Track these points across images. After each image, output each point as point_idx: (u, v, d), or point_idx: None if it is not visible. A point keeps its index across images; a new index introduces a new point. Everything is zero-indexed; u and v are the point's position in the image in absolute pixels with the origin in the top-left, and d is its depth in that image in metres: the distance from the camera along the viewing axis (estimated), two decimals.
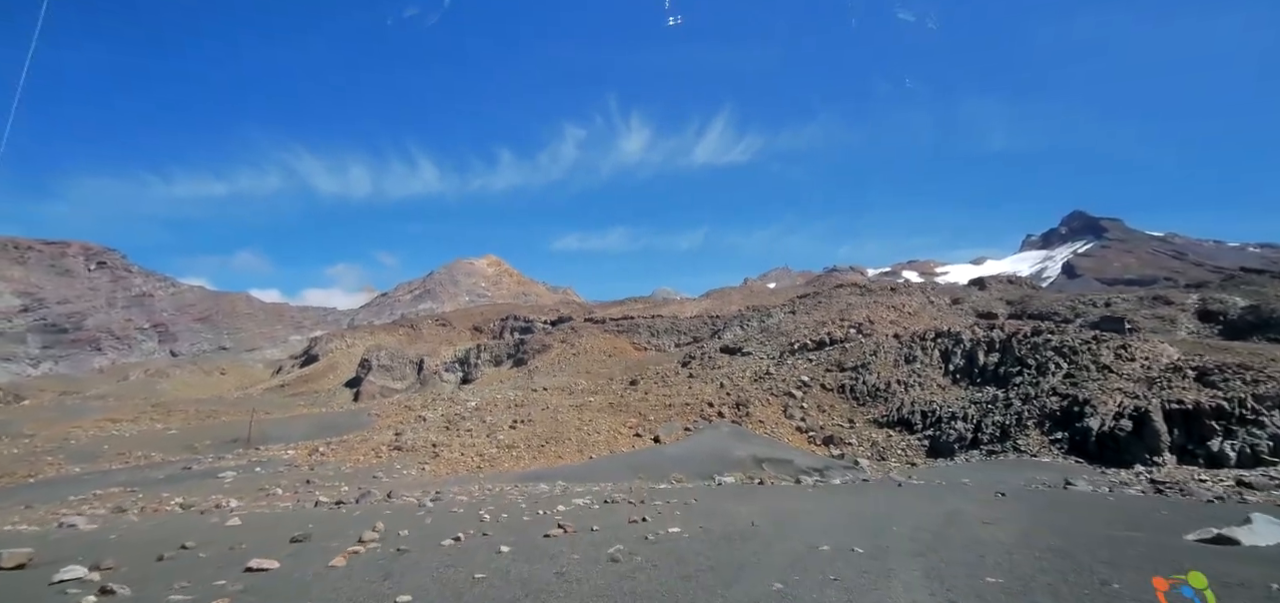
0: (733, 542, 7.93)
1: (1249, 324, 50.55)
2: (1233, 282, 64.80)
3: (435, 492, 24.48)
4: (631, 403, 54.15)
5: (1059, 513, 11.13)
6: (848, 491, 15.97)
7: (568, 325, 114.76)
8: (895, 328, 53.51)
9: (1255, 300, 54.39)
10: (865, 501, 13.44)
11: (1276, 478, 23.20)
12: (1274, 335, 47.68)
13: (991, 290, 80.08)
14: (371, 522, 10.73)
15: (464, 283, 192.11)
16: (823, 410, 46.80)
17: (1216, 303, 56.04)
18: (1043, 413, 33.50)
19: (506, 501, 14.95)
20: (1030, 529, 9.12)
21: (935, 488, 16.49)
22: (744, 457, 37.04)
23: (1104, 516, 10.65)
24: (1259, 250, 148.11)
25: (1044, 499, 14.04)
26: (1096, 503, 13.45)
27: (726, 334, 67.52)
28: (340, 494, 25.70)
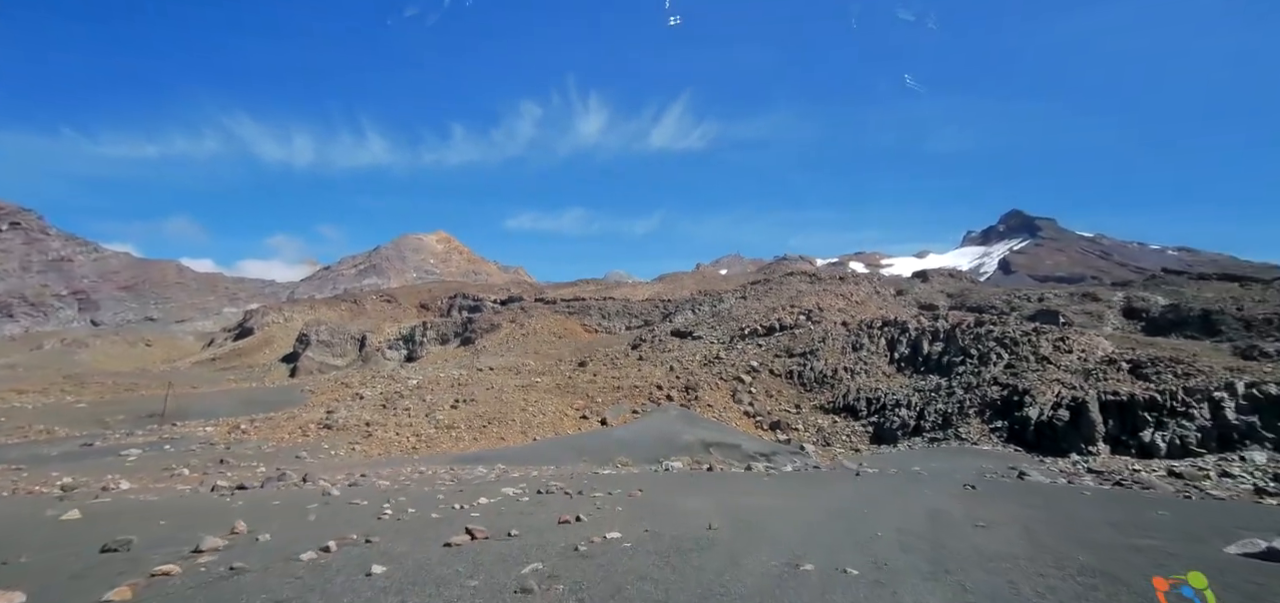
0: (687, 556, 6.29)
1: (1169, 322, 52.54)
2: (1155, 282, 67.64)
3: (356, 475, 22.35)
4: (579, 385, 52.52)
5: (1052, 513, 10.02)
6: (804, 481, 14.65)
7: (518, 305, 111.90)
8: (843, 316, 53.46)
9: (1175, 300, 56.64)
10: (830, 494, 12.10)
11: (1205, 469, 23.52)
12: (1191, 333, 49.68)
13: (934, 283, 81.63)
14: (246, 516, 8.80)
15: (412, 259, 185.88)
16: (771, 396, 46.29)
17: (1140, 301, 58.14)
18: (984, 402, 33.59)
19: (425, 490, 13.11)
20: (1037, 536, 7.93)
21: (894, 479, 15.42)
22: (692, 441, 35.98)
23: (1108, 518, 9.52)
24: (1177, 253, 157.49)
25: (1016, 494, 13.06)
26: (1075, 499, 12.47)
27: (678, 318, 66.50)
28: (252, 476, 23.27)
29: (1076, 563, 6.41)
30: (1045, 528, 8.52)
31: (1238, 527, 8.88)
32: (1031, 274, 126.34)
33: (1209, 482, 22.49)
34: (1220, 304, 51.46)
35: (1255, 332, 45.62)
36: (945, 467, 20.49)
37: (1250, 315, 48.04)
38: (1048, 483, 16.22)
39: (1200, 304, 52.67)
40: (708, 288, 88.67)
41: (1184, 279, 65.69)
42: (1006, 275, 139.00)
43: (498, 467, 26.72)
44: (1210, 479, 22.66)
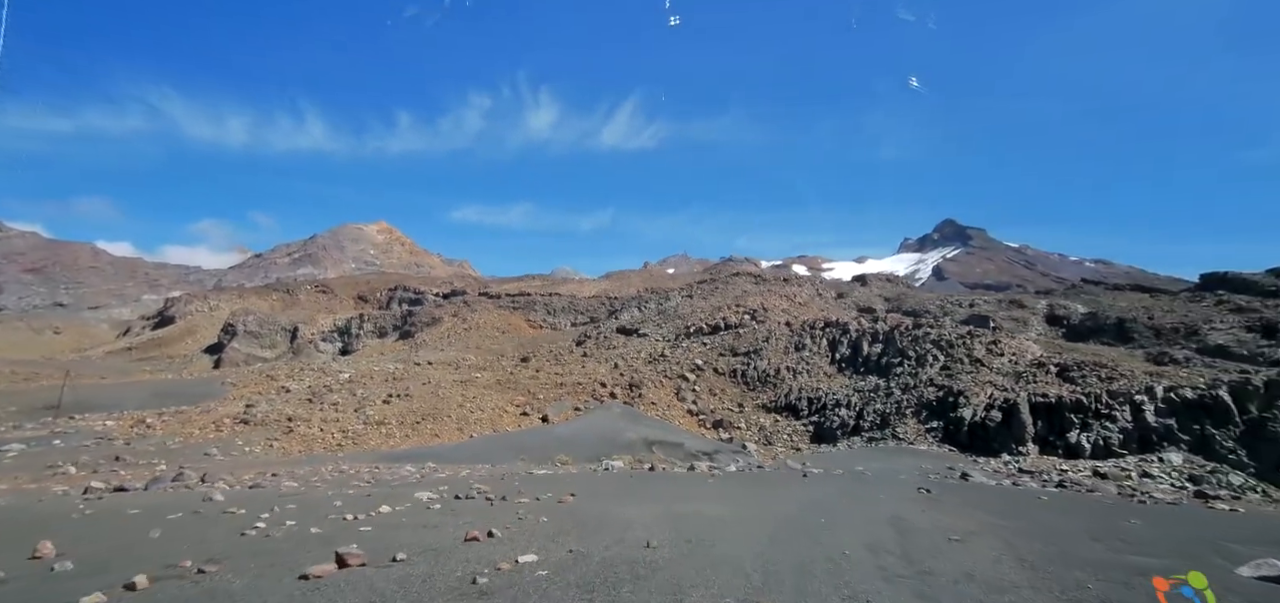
0: (618, 589, 5.02)
1: (1088, 329, 54.90)
2: (1074, 291, 70.94)
3: (266, 475, 20.29)
4: (521, 381, 50.78)
5: (1022, 522, 9.21)
6: (751, 483, 13.73)
7: (461, 299, 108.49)
8: (786, 316, 53.58)
9: (1093, 308, 59.28)
10: (781, 499, 11.23)
11: (1127, 469, 24.11)
12: (1108, 339, 52.05)
13: (872, 287, 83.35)
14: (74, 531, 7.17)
15: (351, 249, 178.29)
16: (714, 394, 45.82)
17: (1062, 309, 60.61)
18: (920, 402, 33.89)
19: (327, 494, 11.52)
20: (1022, 554, 7.11)
21: (842, 481, 14.70)
22: (634, 439, 34.97)
23: (1084, 529, 8.70)
24: (1094, 265, 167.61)
25: (972, 498, 12.43)
26: (1034, 504, 11.77)
27: (624, 315, 65.46)
28: (145, 475, 20.87)
29: (1088, 593, 5.59)
30: (1026, 543, 7.77)
31: (1224, 540, 8.39)
32: (963, 281, 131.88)
33: (1131, 481, 23.03)
34: (1133, 313, 54.05)
35: (1164, 339, 48.01)
36: (887, 467, 20.13)
37: (1160, 324, 50.59)
38: (994, 485, 15.89)
39: (1115, 313, 55.20)
40: (655, 286, 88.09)
41: (1101, 289, 69.13)
42: (940, 282, 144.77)
43: (427, 465, 25.02)
44: (1132, 479, 23.21)
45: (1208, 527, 9.85)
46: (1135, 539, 8.15)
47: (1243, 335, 46.07)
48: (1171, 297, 57.53)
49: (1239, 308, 49.76)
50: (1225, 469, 22.81)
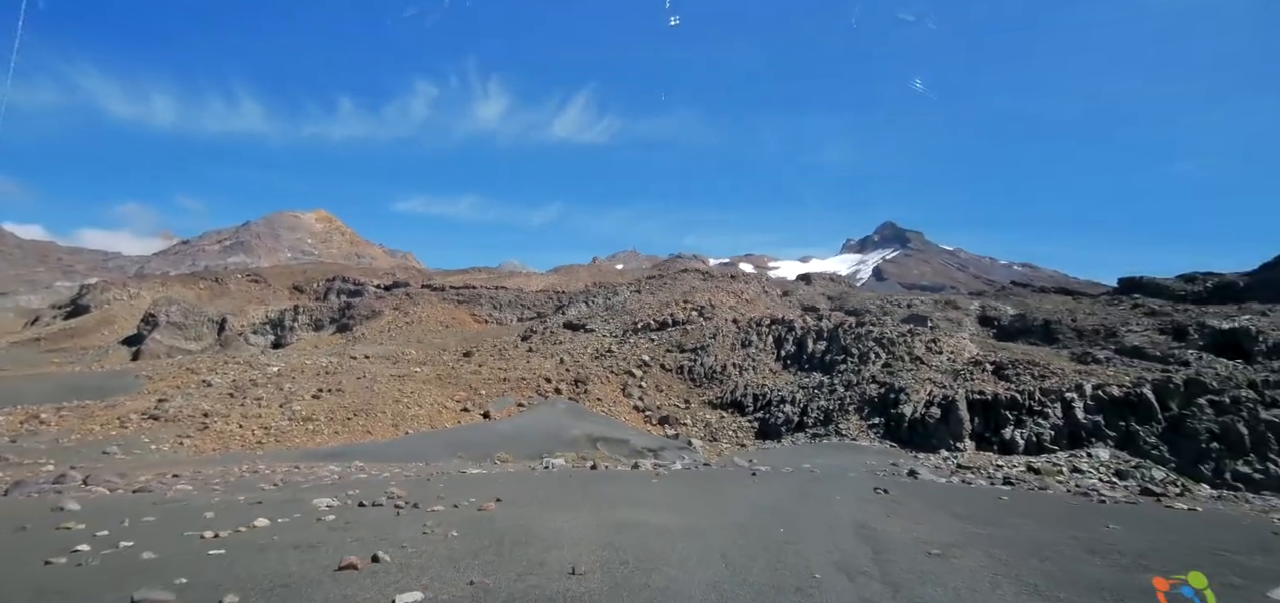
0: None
1: (1017, 329, 56.81)
2: (1004, 293, 73.66)
3: (165, 476, 18.14)
4: (463, 375, 48.74)
5: (997, 530, 8.41)
6: (697, 482, 12.80)
7: (403, 292, 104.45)
8: (734, 313, 53.34)
9: (1021, 310, 61.45)
10: (731, 502, 10.31)
11: (1058, 464, 24.50)
12: (1034, 339, 53.97)
13: (816, 286, 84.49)
14: None
15: (287, 238, 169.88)
16: (661, 390, 45.05)
17: (993, 310, 62.59)
18: (863, 399, 33.97)
19: (200, 503, 9.83)
20: (1017, 571, 6.31)
21: (793, 479, 13.79)
22: (579, 435, 33.76)
23: (1065, 535, 7.99)
24: (1021, 269, 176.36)
25: (932, 499, 11.69)
26: (997, 505, 10.94)
27: (571, 310, 64.01)
28: (22, 475, 18.39)
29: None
30: (1016, 558, 6.99)
31: (1224, 550, 7.82)
32: (901, 282, 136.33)
33: (1063, 475, 23.37)
34: (1058, 315, 56.19)
35: (1086, 340, 50.01)
36: (834, 463, 19.67)
37: (1082, 326, 52.71)
38: (944, 483, 15.48)
39: (1042, 314, 57.30)
40: (603, 281, 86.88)
41: (1028, 292, 72.01)
42: (879, 282, 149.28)
43: (353, 464, 23.20)
44: (1063, 473, 23.56)
45: (1192, 533, 9.31)
46: (1132, 551, 7.45)
47: (1156, 337, 48.44)
48: (1092, 300, 60.24)
49: (1152, 312, 52.39)
50: (1148, 464, 23.40)
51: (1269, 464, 21.63)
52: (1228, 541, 8.59)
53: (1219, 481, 22.04)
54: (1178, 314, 50.26)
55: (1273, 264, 50.94)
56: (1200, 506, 13.57)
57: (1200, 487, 22.30)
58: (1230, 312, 47.32)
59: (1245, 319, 44.57)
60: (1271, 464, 21.61)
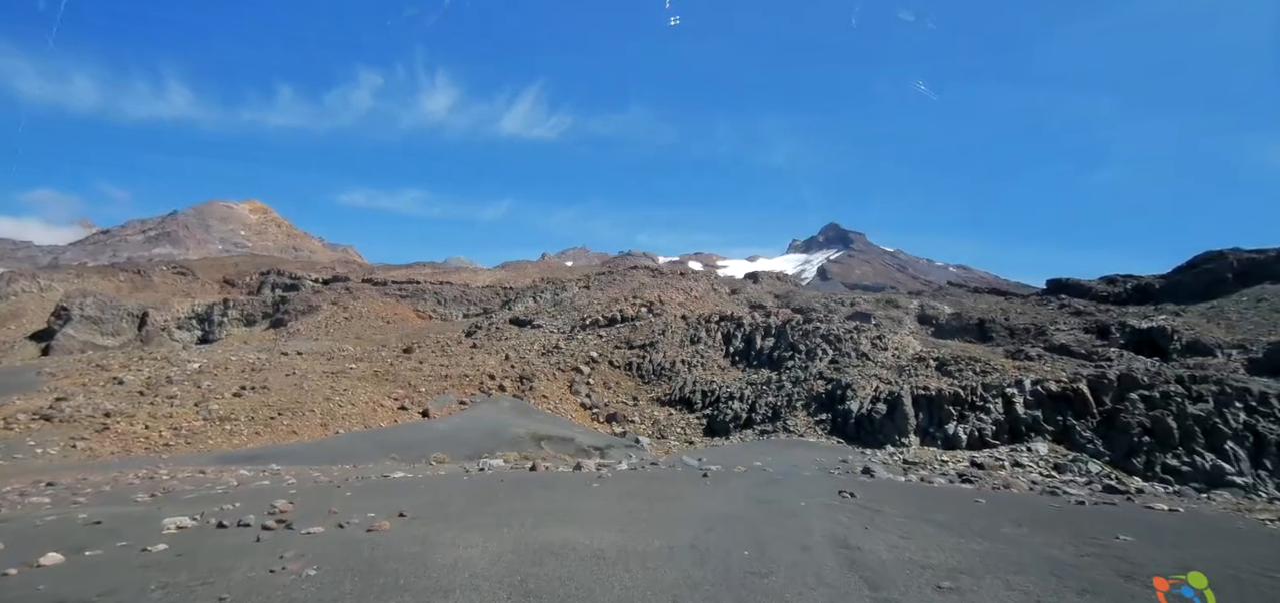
0: None
1: (954, 327, 58.27)
2: (941, 293, 75.78)
3: (39, 482, 15.71)
4: (402, 372, 46.22)
5: (1001, 545, 7.02)
6: (643, 486, 11.39)
7: (342, 286, 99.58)
8: (683, 309, 52.62)
9: (957, 309, 63.14)
10: (681, 514, 8.99)
11: (1000, 458, 24.59)
12: (970, 337, 55.50)
13: (763, 285, 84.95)
14: None
15: (218, 230, 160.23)
16: (609, 387, 43.83)
17: (931, 309, 64.09)
18: (810, 395, 33.69)
19: (14, 529, 8.02)
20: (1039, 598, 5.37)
21: (747, 481, 12.42)
22: (522, 433, 32.19)
23: (1098, 555, 7.07)
24: (956, 270, 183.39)
25: (907, 502, 10.56)
26: (977, 509, 10.00)
27: (518, 305, 61.98)
28: None
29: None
30: (1034, 582, 5.74)
31: (1268, 567, 6.91)
32: (844, 282, 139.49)
33: (1005, 472, 23.39)
34: (992, 314, 57.88)
35: (1018, 337, 51.57)
36: (786, 460, 18.92)
37: (1014, 324, 54.40)
38: (904, 481, 14.80)
39: (977, 313, 58.93)
40: (552, 277, 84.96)
41: (963, 292, 74.29)
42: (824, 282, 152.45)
43: (269, 468, 21.06)
44: (1005, 469, 23.59)
45: (1215, 544, 8.24)
46: (1169, 569, 6.44)
47: (1081, 335, 50.38)
48: (1022, 300, 62.44)
49: (1078, 311, 54.58)
50: (1084, 458, 23.69)
51: (1195, 458, 22.16)
52: (1268, 558, 7.77)
53: (1150, 474, 22.46)
54: (1100, 314, 52.47)
55: (1184, 268, 53.85)
56: (1181, 506, 12.98)
57: (1133, 479, 22.73)
58: (1148, 312, 49.68)
59: (1161, 319, 46.80)
60: (1197, 458, 22.13)
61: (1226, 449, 21.95)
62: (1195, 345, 41.53)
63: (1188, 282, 51.77)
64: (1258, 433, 22.09)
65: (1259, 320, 43.45)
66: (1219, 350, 40.38)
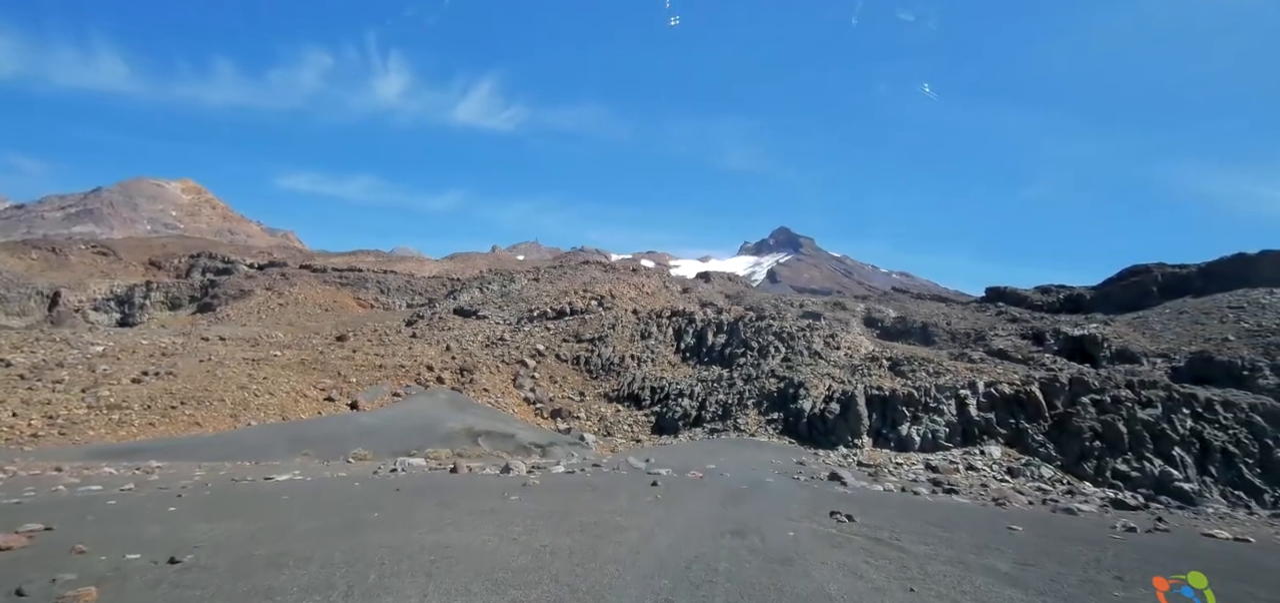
0: None
1: (898, 331, 58.36)
2: (886, 298, 76.41)
3: None
4: (332, 362, 42.46)
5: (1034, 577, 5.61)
6: (576, 497, 9.21)
7: (278, 271, 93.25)
8: (634, 304, 50.58)
9: (902, 313, 63.43)
10: (623, 553, 6.40)
11: (954, 462, 23.53)
12: (914, 341, 55.64)
13: (714, 284, 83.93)
14: None
15: (146, 208, 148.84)
16: (555, 382, 41.35)
17: (877, 312, 64.20)
18: (762, 394, 32.20)
19: None
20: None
21: (703, 491, 10.35)
22: (457, 429, 29.41)
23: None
24: (899, 277, 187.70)
25: (919, 524, 8.45)
26: (991, 532, 8.19)
27: (463, 295, 58.60)
28: None
29: None
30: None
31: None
32: (793, 284, 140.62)
33: (959, 475, 22.29)
34: (934, 319, 58.20)
35: (959, 342, 51.80)
36: (742, 463, 17.10)
37: (956, 329, 54.72)
38: (886, 493, 13.03)
39: (921, 318, 59.17)
40: (501, 268, 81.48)
41: (907, 297, 75.05)
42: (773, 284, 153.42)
43: (147, 464, 17.81)
44: (959, 472, 22.50)
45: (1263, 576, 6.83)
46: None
47: (1018, 341, 50.94)
48: (963, 306, 63.21)
49: (1014, 319, 55.40)
50: (1037, 462, 22.82)
51: (1145, 463, 21.53)
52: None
53: (1100, 479, 21.75)
54: (1036, 322, 53.28)
55: (1113, 279, 55.33)
56: (1250, 534, 11.08)
57: (1083, 484, 22.01)
58: (1080, 321, 50.61)
59: (1093, 328, 47.62)
60: (1147, 463, 21.51)
61: (1174, 456, 21.40)
62: (1124, 353, 42.18)
63: (1116, 293, 53.16)
64: (1203, 440, 21.64)
65: (1180, 331, 44.68)
66: (1145, 359, 41.01)
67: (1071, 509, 13.54)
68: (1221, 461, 21.17)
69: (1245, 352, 40.13)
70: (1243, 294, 44.39)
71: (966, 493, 14.62)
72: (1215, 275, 48.16)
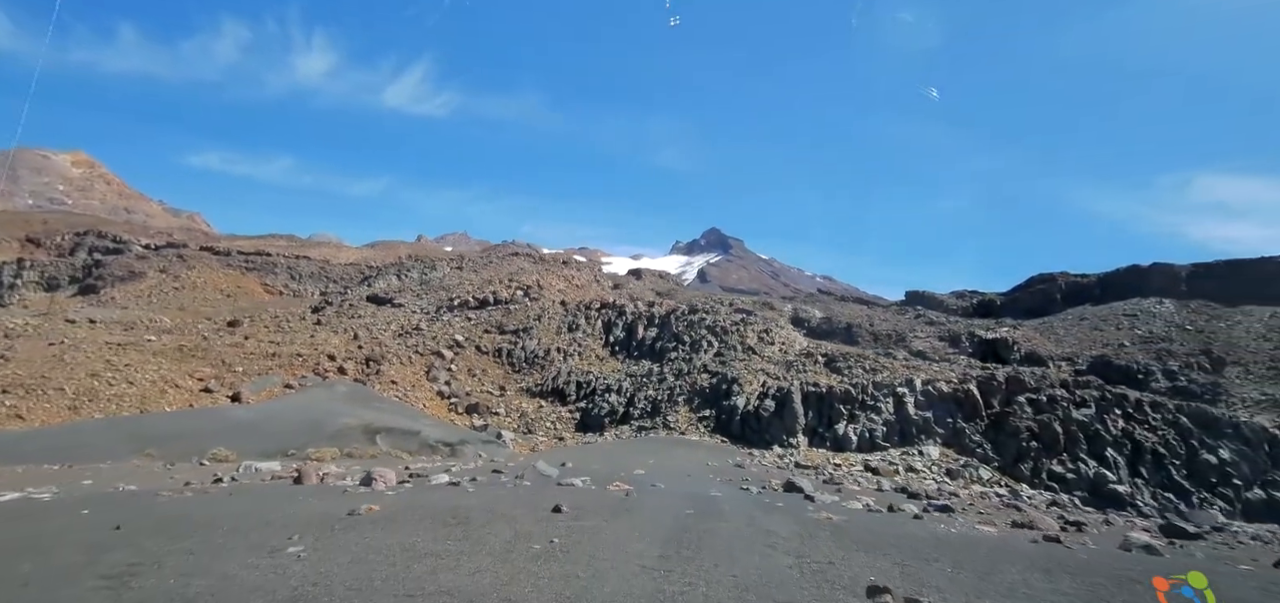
0: None
1: (824, 331, 57.56)
2: (812, 299, 76.27)
3: None
4: (217, 349, 36.54)
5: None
6: (426, 533, 5.79)
7: (175, 253, 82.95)
8: (563, 295, 46.96)
9: (827, 313, 62.89)
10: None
11: (894, 463, 21.61)
12: (839, 341, 55.08)
13: (646, 282, 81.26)
14: None
15: (29, 181, 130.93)
16: (474, 375, 37.18)
17: (804, 313, 63.36)
18: (693, 389, 29.53)
19: None
20: None
21: (630, 525, 6.63)
22: (351, 425, 25.06)
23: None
24: (823, 279, 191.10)
25: (950, 574, 5.43)
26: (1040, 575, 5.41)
27: (379, 282, 53.04)
28: None
29: None
30: None
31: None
32: (722, 285, 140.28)
33: (899, 476, 20.32)
34: (858, 320, 57.75)
35: (881, 343, 51.34)
36: (674, 467, 14.15)
37: (878, 331, 54.35)
38: (869, 512, 10.13)
39: (845, 319, 58.62)
40: (423, 255, 75.45)
41: (832, 299, 75.12)
42: (703, 283, 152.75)
43: None
44: (899, 474, 20.54)
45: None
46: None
47: (936, 343, 51.05)
48: (884, 308, 63.40)
49: (932, 322, 55.79)
50: (975, 463, 21.18)
51: (1080, 465, 20.25)
52: None
53: (1037, 481, 20.32)
54: (951, 325, 53.75)
55: (1021, 287, 56.72)
56: (1163, 551, 9.07)
57: (1021, 486, 20.54)
58: (991, 324, 51.31)
59: (1004, 331, 48.12)
60: (1082, 464, 20.24)
61: (1108, 457, 20.22)
62: (1032, 357, 42.52)
63: (1024, 299, 54.42)
64: (1135, 440, 20.60)
65: (1081, 336, 45.88)
66: (1051, 362, 41.33)
67: (1082, 523, 11.27)
68: (1151, 462, 20.16)
69: (1140, 356, 41.26)
70: (1136, 303, 46.14)
71: (963, 515, 11.82)
72: (1112, 285, 49.94)
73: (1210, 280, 46.53)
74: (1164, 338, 41.26)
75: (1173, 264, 49.95)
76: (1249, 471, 19.76)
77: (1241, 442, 20.29)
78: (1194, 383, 34.91)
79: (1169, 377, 35.90)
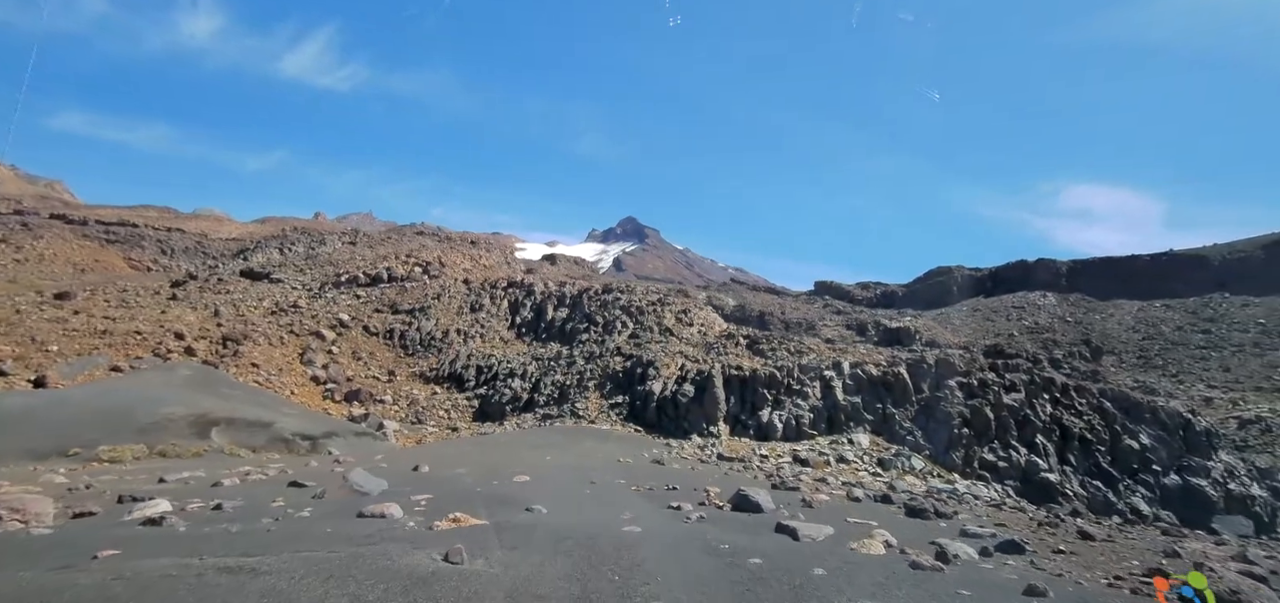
0: None
1: (737, 318, 55.66)
2: (725, 288, 74.67)
3: None
4: (30, 324, 28.42)
5: None
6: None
7: (19, 220, 68.61)
8: (467, 274, 41.50)
9: (740, 302, 61.15)
10: None
11: (823, 453, 18.76)
12: (752, 328, 53.42)
13: (560, 267, 76.49)
14: None
15: None
16: (359, 358, 31.28)
17: (717, 301, 61.23)
18: (605, 374, 25.62)
19: None
20: None
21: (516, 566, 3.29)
22: (179, 416, 18.94)
23: None
24: (735, 271, 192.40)
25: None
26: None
27: (257, 255, 45.02)
28: None
29: None
30: None
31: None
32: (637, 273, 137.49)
33: (830, 467, 17.41)
34: (770, 309, 56.30)
35: (793, 330, 49.91)
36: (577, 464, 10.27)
37: (789, 319, 53.03)
38: (926, 568, 6.25)
39: (758, 307, 57.00)
40: (312, 229, 66.48)
41: (744, 288, 73.85)
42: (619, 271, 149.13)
43: None
44: (830, 464, 17.63)
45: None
46: None
47: (844, 331, 50.27)
48: (794, 298, 62.51)
49: (839, 311, 55.24)
50: (907, 452, 18.66)
51: (1011, 452, 18.21)
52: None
53: (969, 469, 18.11)
54: (858, 314, 53.31)
55: (923, 278, 57.34)
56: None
57: (953, 475, 18.28)
58: (894, 314, 51.19)
59: (907, 320, 47.87)
60: (1014, 452, 18.22)
61: (1037, 444, 18.33)
62: (932, 345, 42.20)
63: (923, 290, 54.90)
64: (1063, 426, 18.88)
65: (976, 326, 46.53)
66: (950, 350, 41.00)
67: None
68: (1079, 448, 18.47)
69: (1028, 345, 41.87)
70: (1023, 296, 47.35)
71: (1043, 557, 7.34)
72: (1002, 278, 51.09)
73: (1086, 277, 48.54)
74: (1048, 329, 42.30)
75: (1055, 260, 51.99)
76: (1166, 456, 18.51)
77: (1159, 427, 19.04)
78: (1077, 371, 35.42)
79: (1054, 365, 36.01)
